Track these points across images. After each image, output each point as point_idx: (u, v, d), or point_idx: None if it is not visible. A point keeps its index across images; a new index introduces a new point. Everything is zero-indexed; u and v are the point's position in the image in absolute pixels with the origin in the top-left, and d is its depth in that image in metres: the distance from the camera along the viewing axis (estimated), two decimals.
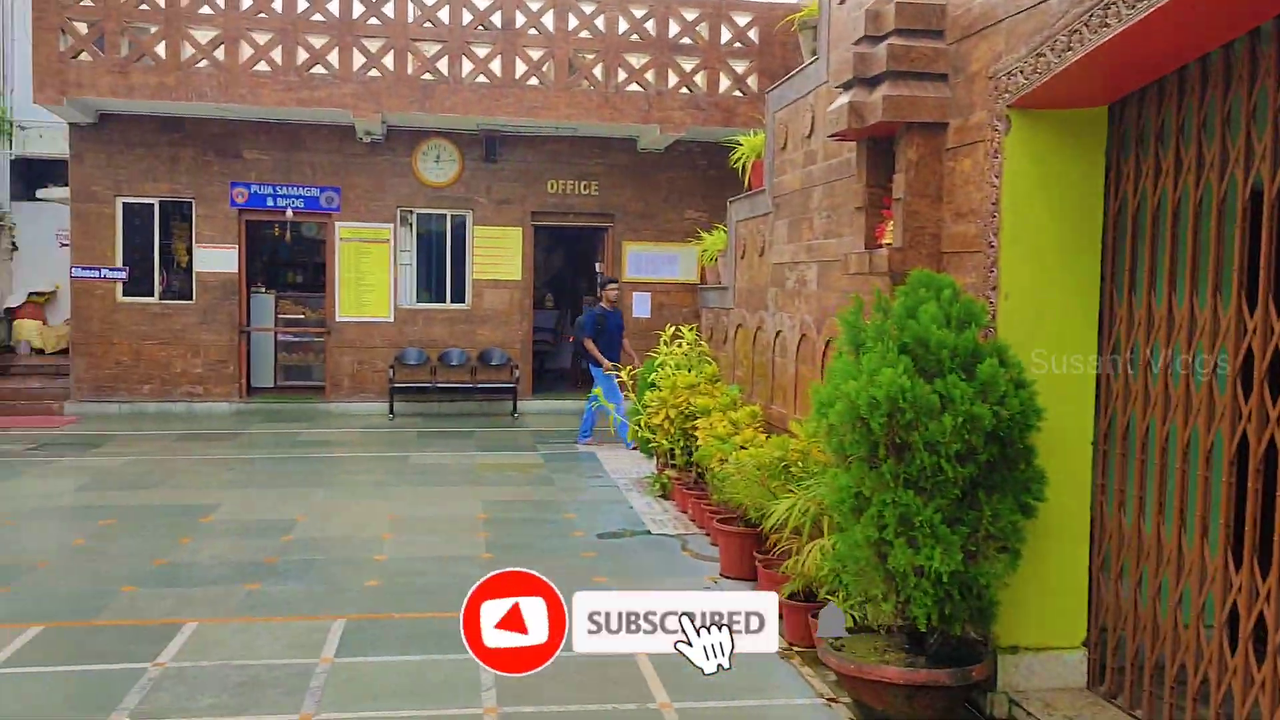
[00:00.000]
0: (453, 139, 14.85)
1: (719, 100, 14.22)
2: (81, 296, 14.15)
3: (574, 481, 10.17)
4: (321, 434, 13.01)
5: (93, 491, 9.38)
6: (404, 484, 9.94)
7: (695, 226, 15.43)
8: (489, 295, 15.15)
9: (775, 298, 7.91)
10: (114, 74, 12.86)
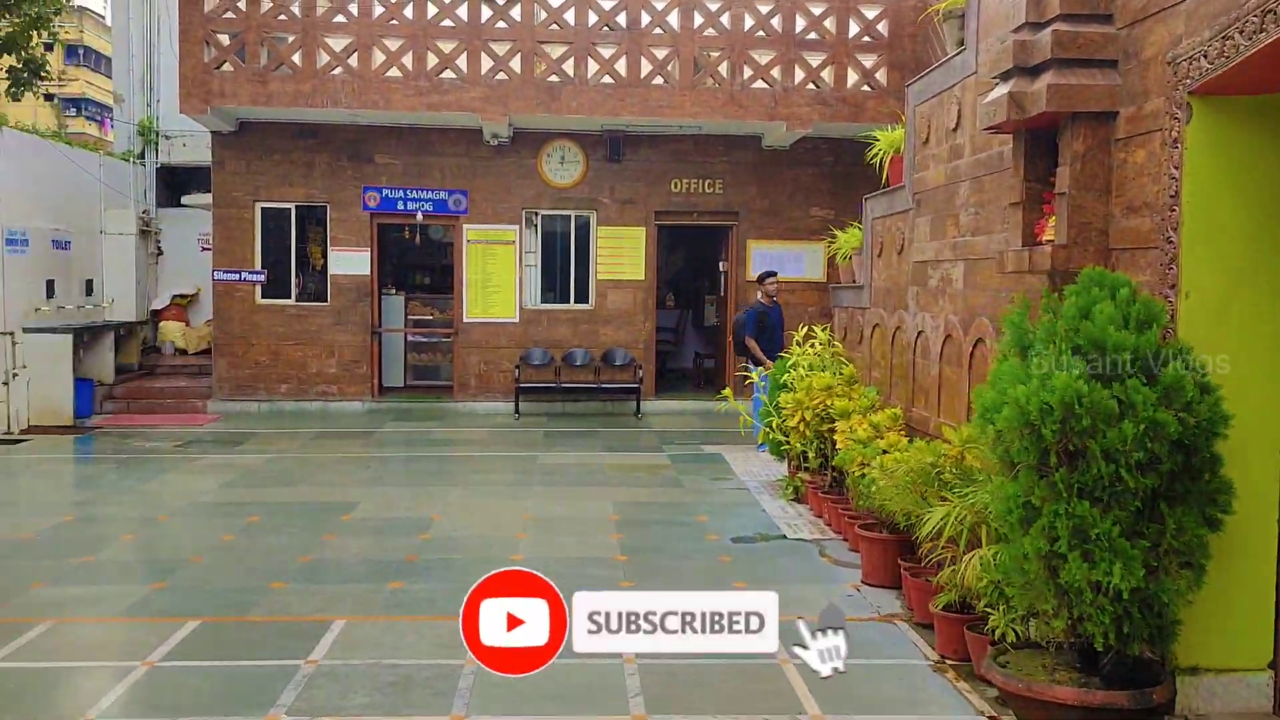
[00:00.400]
0: (577, 140, 14.91)
1: (846, 95, 13.94)
2: (222, 299, 14.67)
3: (703, 483, 10.07)
4: (451, 433, 13.20)
5: (238, 488, 9.67)
6: (535, 484, 9.98)
7: (821, 224, 15.22)
8: (612, 295, 15.17)
9: (916, 297, 7.67)
10: (254, 83, 13.28)
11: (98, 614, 6.04)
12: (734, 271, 15.37)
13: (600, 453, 11.84)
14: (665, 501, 9.26)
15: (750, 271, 15.27)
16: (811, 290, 15.31)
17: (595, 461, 11.24)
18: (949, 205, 7.03)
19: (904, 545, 6.57)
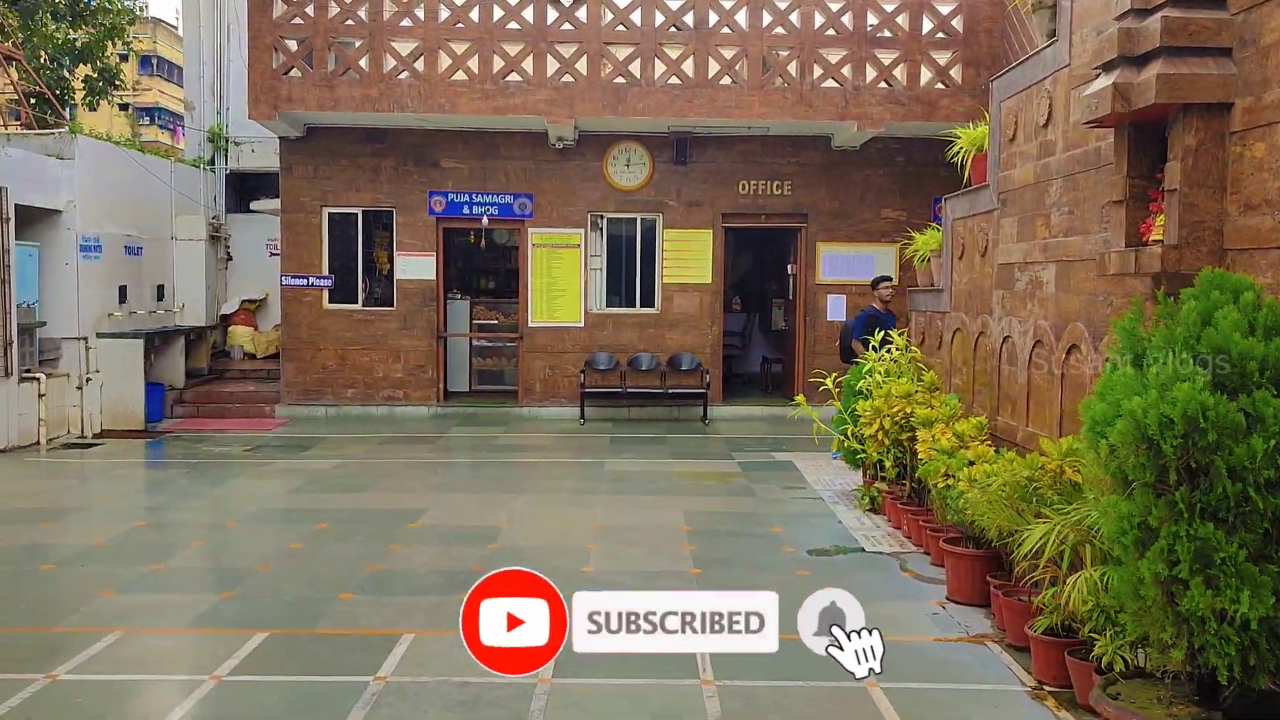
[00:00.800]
0: (643, 142, 14.73)
1: (920, 94, 13.58)
2: (290, 304, 14.73)
3: (775, 492, 9.82)
4: (516, 438, 13.08)
5: (306, 494, 9.63)
6: (602, 491, 9.80)
7: (893, 226, 14.88)
8: (678, 299, 14.96)
9: (1002, 300, 7.34)
10: (321, 88, 13.31)
11: (167, 624, 5.97)
12: (803, 274, 15.07)
13: (668, 460, 11.63)
14: (738, 511, 9.02)
15: (820, 274, 14.99)
16: None
17: (663, 469, 11.03)
18: (1039, 205, 6.71)
19: (992, 561, 6.28)
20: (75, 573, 6.93)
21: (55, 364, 13.00)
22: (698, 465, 11.35)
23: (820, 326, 15.00)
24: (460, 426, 13.89)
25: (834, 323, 14.95)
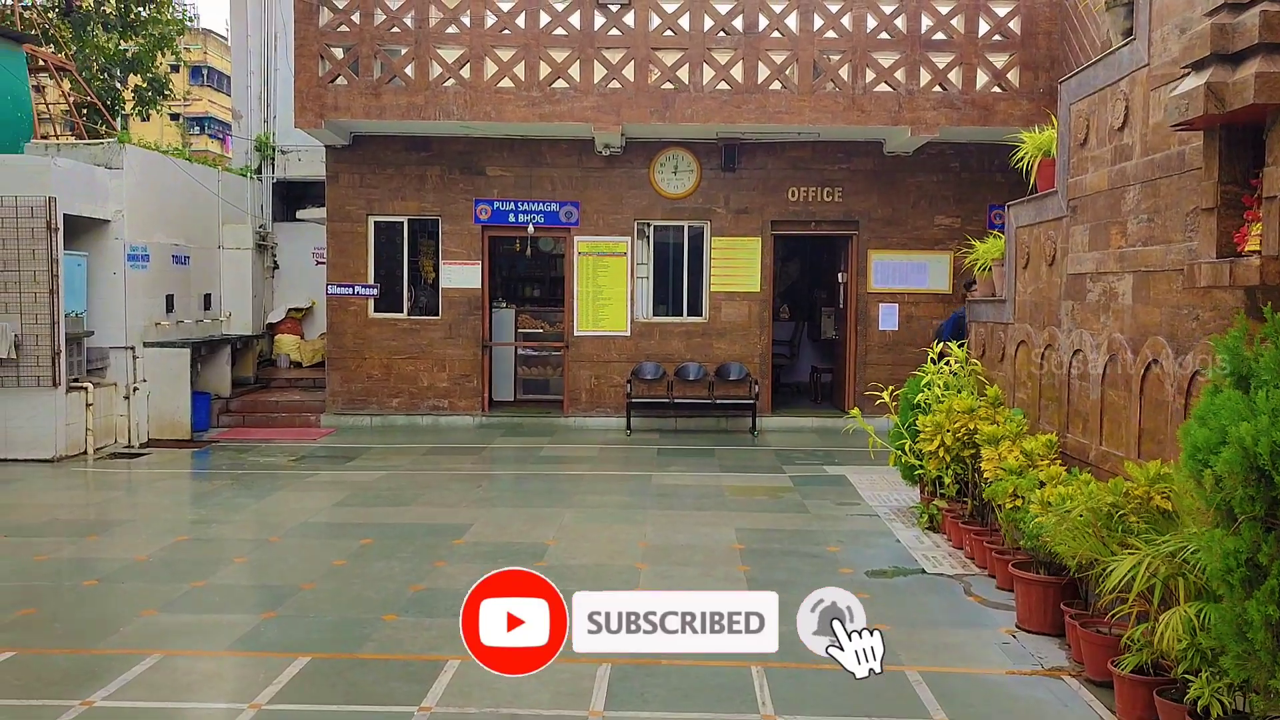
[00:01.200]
0: (690, 149, 14.50)
1: (975, 98, 13.23)
2: (336, 313, 14.65)
3: (829, 509, 9.51)
4: (562, 450, 12.88)
5: (350, 508, 9.48)
6: (650, 507, 9.55)
7: (947, 233, 14.53)
8: (726, 308, 14.69)
9: (1071, 312, 7.01)
10: (367, 96, 13.22)
11: (207, 646, 5.81)
12: (854, 283, 14.74)
13: (717, 473, 11.36)
14: (791, 529, 8.73)
15: (872, 282, 14.65)
16: (937, 302, 14.61)
17: (713, 483, 10.76)
18: (1113, 212, 6.38)
19: (1066, 588, 5.96)
20: (117, 590, 6.81)
21: (103, 373, 13.00)
22: (748, 479, 11.06)
23: (872, 336, 14.67)
24: (505, 437, 13.72)
25: (886, 332, 14.66)
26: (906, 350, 14.56)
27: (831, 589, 3.69)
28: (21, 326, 11.59)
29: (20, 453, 11.70)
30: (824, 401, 16.24)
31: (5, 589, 6.78)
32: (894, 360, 14.60)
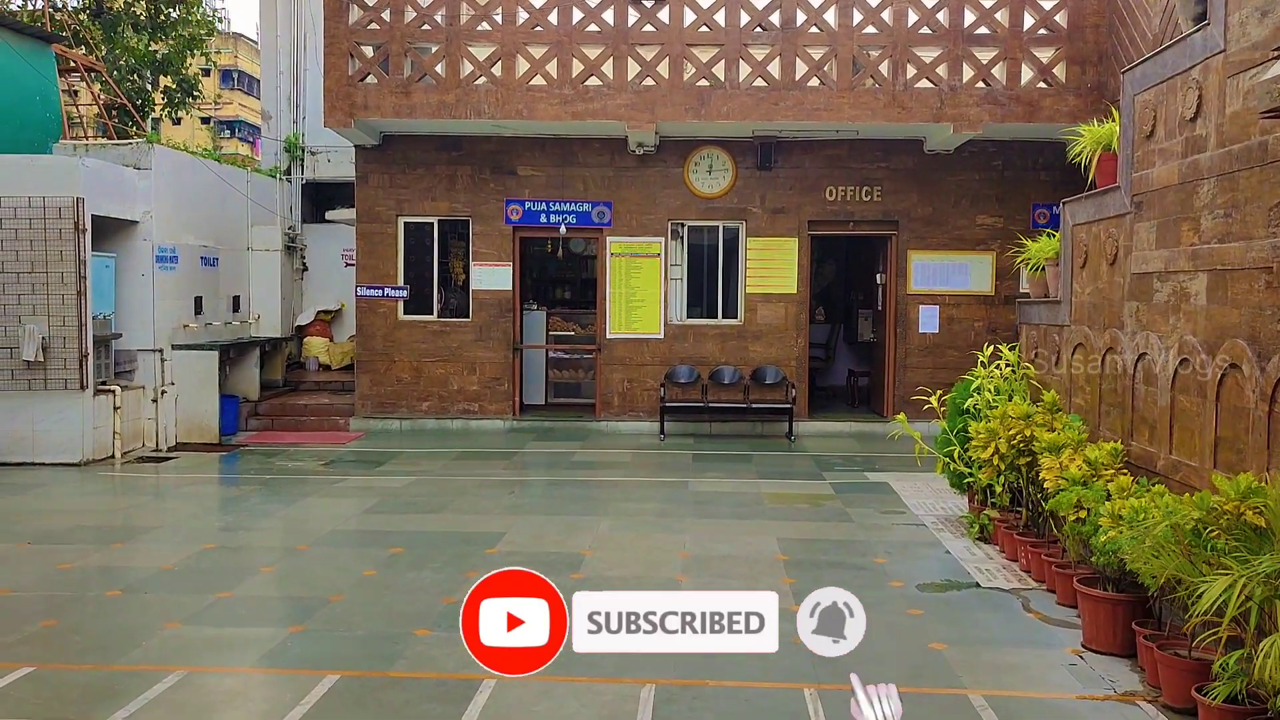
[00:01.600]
0: (725, 147, 14.19)
1: (1020, 94, 12.85)
2: (365, 315, 14.46)
3: (874, 517, 9.18)
4: (594, 455, 12.60)
5: (380, 514, 9.24)
6: (688, 515, 9.25)
7: (989, 233, 14.16)
8: (762, 310, 14.37)
9: (1136, 313, 6.66)
10: (397, 94, 13.01)
11: (232, 663, 5.56)
12: (893, 284, 14.38)
13: (755, 479, 11.04)
14: (836, 539, 8.40)
15: (911, 284, 14.29)
16: (979, 304, 14.24)
17: (751, 490, 10.45)
18: (1184, 207, 6.02)
19: (1137, 606, 5.61)
20: (141, 601, 6.59)
21: (131, 376, 12.86)
22: (787, 486, 10.74)
23: (912, 338, 14.31)
24: (537, 441, 13.47)
25: (926, 335, 14.30)
26: (947, 353, 14.21)
27: (830, 589, 3.73)
28: (49, 329, 11.45)
29: (48, 456, 11.57)
30: (861, 405, 15.88)
31: (27, 599, 6.58)
32: (934, 363, 14.24)
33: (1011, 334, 14.08)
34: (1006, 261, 14.12)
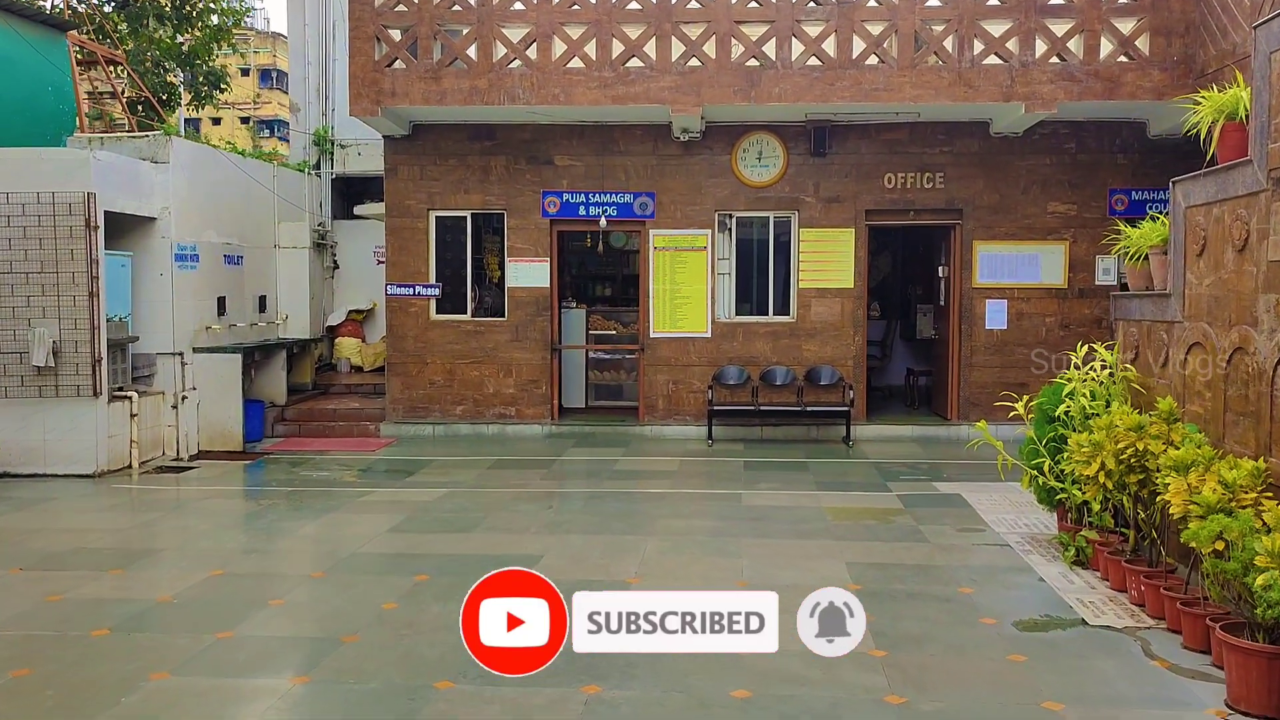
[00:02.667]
0: (776, 132, 13.27)
1: (1099, 69, 11.82)
2: (396, 315, 13.70)
3: (950, 536, 8.26)
4: (638, 463, 11.76)
5: (407, 534, 8.45)
6: (744, 534, 8.36)
7: (1061, 221, 13.16)
8: (817, 306, 13.44)
9: (1276, 307, 5.69)
10: (426, 80, 12.23)
11: None
12: (957, 277, 13.40)
13: (813, 490, 10.14)
14: (912, 563, 7.49)
15: (977, 277, 13.29)
16: (1050, 298, 13.22)
17: (811, 503, 9.54)
18: None
19: None
20: (129, 642, 5.81)
21: (149, 381, 12.19)
22: (850, 498, 9.83)
23: (978, 335, 13.32)
24: (576, 448, 12.65)
25: (993, 331, 13.30)
26: (1016, 351, 13.22)
27: (828, 589, 3.69)
28: (60, 332, 10.79)
29: (59, 467, 10.91)
30: (921, 407, 14.91)
31: (3, 641, 5.83)
32: (1002, 362, 13.26)
33: (1087, 330, 13.07)
34: (1081, 252, 13.13)
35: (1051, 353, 13.14)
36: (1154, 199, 13.02)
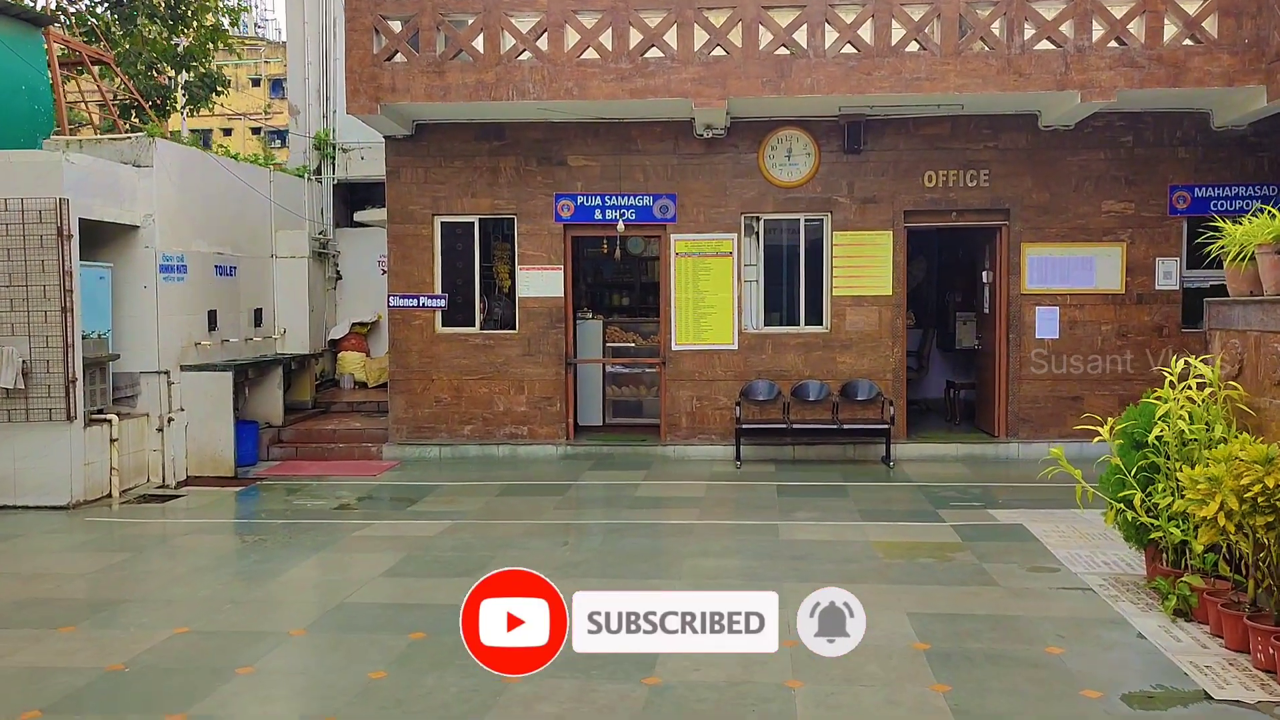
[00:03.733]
0: (806, 128, 12.30)
1: (1163, 53, 10.80)
2: (399, 328, 12.76)
3: (1022, 578, 7.24)
4: (661, 488, 10.78)
5: (405, 578, 7.49)
6: (784, 576, 7.36)
7: (1118, 222, 12.16)
8: (852, 315, 12.43)
9: None
10: (429, 74, 11.30)
11: None
12: (1003, 282, 12.38)
13: (858, 521, 9.13)
14: (984, 613, 6.47)
15: (1026, 282, 12.26)
16: (1106, 304, 12.19)
17: (856, 536, 8.54)
18: None
19: None
20: None
21: (132, 402, 11.30)
22: (899, 531, 8.82)
23: (1027, 345, 12.29)
24: (593, 471, 11.68)
25: (1044, 341, 12.28)
26: (1070, 362, 12.22)
27: (828, 589, 3.64)
28: (30, 351, 9.90)
29: (30, 498, 10.01)
30: (962, 422, 13.88)
31: None
32: (1054, 375, 12.24)
33: (1146, 338, 12.06)
34: (1139, 254, 12.12)
35: (1108, 363, 12.13)
36: (1219, 196, 12.00)
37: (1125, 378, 12.16)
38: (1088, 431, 7.19)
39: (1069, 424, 12.09)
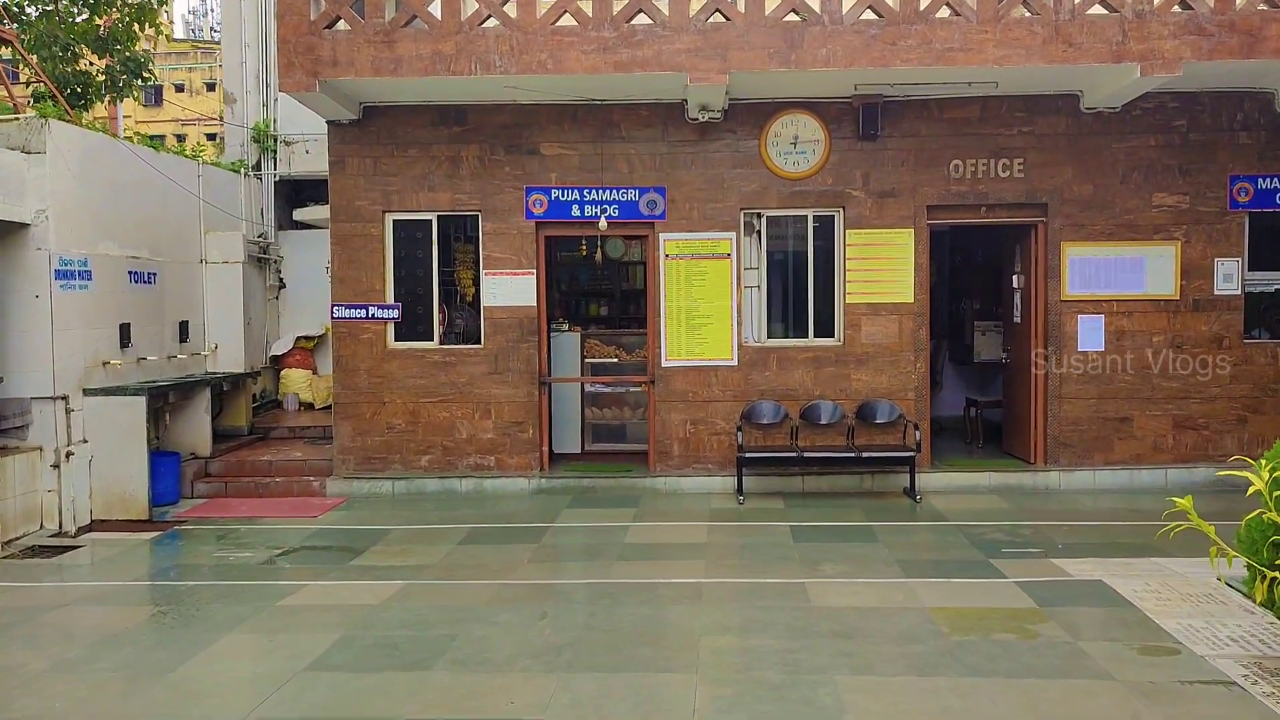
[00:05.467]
0: (815, 111, 10.69)
1: (1235, 19, 9.29)
2: (345, 343, 11.00)
3: (1135, 664, 5.60)
4: (654, 531, 9.10)
5: (333, 673, 5.73)
6: (833, 667, 5.67)
7: (1171, 217, 10.66)
8: (868, 325, 10.82)
9: None
10: (377, 44, 9.58)
11: None
12: (1039, 286, 10.81)
13: (901, 577, 7.47)
14: None
15: (1066, 287, 10.69)
16: (1159, 311, 10.65)
17: (906, 600, 6.88)
18: None
19: None
20: None
21: (21, 434, 9.48)
22: (956, 591, 7.16)
23: (1068, 361, 10.72)
24: (572, 509, 9.98)
25: (1088, 354, 10.72)
26: (1118, 378, 10.65)
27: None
28: None
29: None
30: (985, 445, 12.30)
31: None
32: (1099, 393, 10.68)
33: (1205, 351, 10.56)
34: (1195, 254, 10.64)
35: (1161, 380, 10.60)
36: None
37: (1181, 395, 10.63)
38: (1137, 457, 5.57)
39: (1116, 449, 10.58)
